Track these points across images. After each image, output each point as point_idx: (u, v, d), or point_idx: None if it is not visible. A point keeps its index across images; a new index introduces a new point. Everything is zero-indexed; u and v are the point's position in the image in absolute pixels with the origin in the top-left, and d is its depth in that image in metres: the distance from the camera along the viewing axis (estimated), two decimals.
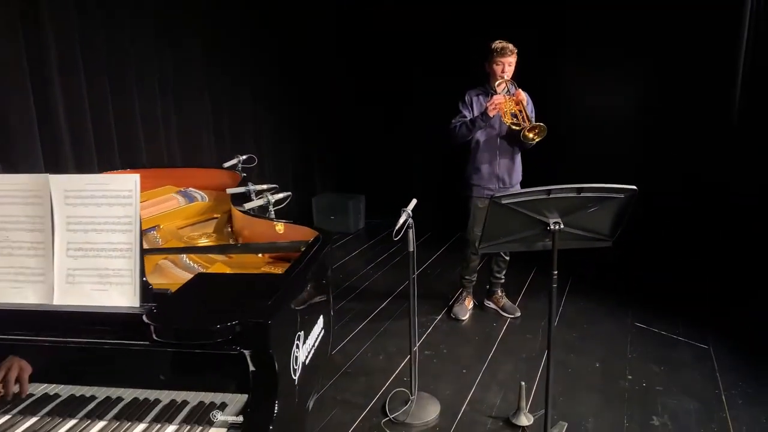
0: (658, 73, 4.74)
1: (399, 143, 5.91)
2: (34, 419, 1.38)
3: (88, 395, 1.44)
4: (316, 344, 1.67)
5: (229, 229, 2.49)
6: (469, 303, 3.87)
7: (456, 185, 3.72)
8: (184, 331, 1.29)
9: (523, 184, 3.57)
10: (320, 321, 1.72)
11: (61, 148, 3.27)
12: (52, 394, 1.44)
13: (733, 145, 4.44)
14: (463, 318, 3.76)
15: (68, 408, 1.40)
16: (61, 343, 1.38)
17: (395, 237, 2.47)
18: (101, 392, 1.44)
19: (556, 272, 2.22)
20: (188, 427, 1.33)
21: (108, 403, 1.41)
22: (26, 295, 1.41)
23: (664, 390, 2.90)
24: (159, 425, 1.34)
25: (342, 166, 6.40)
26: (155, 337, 1.28)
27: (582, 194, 2.07)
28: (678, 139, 4.72)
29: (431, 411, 2.73)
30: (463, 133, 3.36)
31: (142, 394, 1.42)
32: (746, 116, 4.40)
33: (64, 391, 1.44)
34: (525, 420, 2.63)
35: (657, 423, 2.63)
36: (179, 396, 1.41)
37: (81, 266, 1.39)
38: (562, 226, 2.14)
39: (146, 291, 1.37)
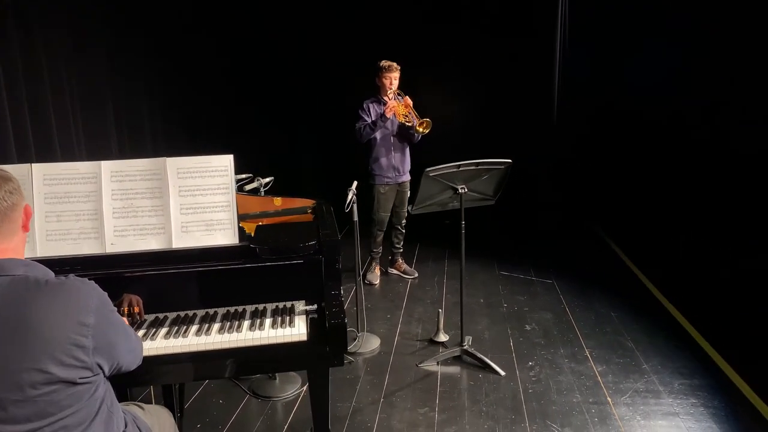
0: (490, 86, 6.12)
1: (296, 146, 6.56)
2: (164, 329, 1.97)
3: (190, 314, 2.06)
4: None
5: None
6: (378, 270, 4.77)
7: (344, 182, 4.48)
8: (282, 249, 2.01)
9: (411, 173, 4.55)
10: None
11: None
12: (161, 317, 2.04)
13: (552, 138, 5.99)
14: (375, 282, 4.66)
15: (183, 321, 2.02)
16: (181, 270, 1.98)
17: (346, 209, 3.28)
18: (198, 312, 2.06)
19: (463, 222, 3.23)
20: (279, 317, 2.04)
21: (209, 315, 2.06)
22: (150, 243, 2.00)
23: (529, 310, 4.08)
24: (259, 319, 2.03)
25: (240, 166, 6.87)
26: (261, 256, 1.98)
27: (479, 167, 3.09)
28: (509, 135, 6.11)
29: (374, 343, 3.59)
30: (368, 132, 4.25)
31: (230, 309, 2.07)
32: (562, 116, 5.98)
33: (170, 315, 2.04)
34: (443, 337, 3.61)
35: (529, 328, 3.78)
36: (259, 306, 2.10)
37: (192, 220, 2.02)
38: (466, 190, 3.15)
39: (242, 232, 2.05)
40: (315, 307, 2.06)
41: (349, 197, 3.30)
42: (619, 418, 2.76)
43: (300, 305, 2.07)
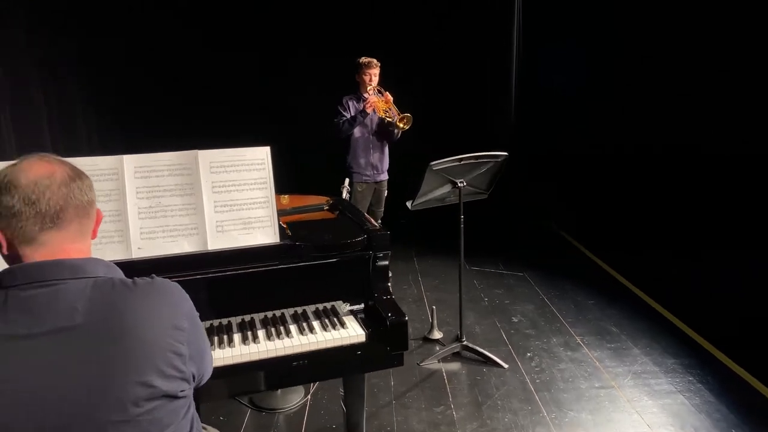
0: (437, 84, 6.19)
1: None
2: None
3: (225, 323, 1.87)
4: None
5: None
6: None
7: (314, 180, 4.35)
8: (331, 246, 1.88)
9: (389, 171, 4.48)
10: None
11: None
12: None
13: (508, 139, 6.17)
14: None
15: (221, 329, 1.83)
16: (220, 275, 1.79)
17: None
18: (233, 320, 1.88)
19: (462, 216, 3.21)
20: (326, 319, 1.90)
21: (246, 322, 1.88)
22: (182, 246, 1.80)
23: (510, 302, 4.14)
24: (305, 322, 1.89)
25: None
26: (307, 255, 1.84)
27: (479, 160, 3.09)
28: (471, 134, 6.21)
29: None
30: (346, 128, 4.14)
31: (267, 314, 1.90)
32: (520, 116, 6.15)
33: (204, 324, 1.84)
34: (437, 334, 3.57)
35: (516, 320, 3.83)
36: (297, 309, 1.95)
37: (228, 218, 1.84)
38: (465, 184, 3.13)
39: (282, 230, 1.90)
40: (362, 306, 1.95)
41: (344, 194, 3.18)
42: (627, 400, 2.84)
43: (342, 306, 1.95)
